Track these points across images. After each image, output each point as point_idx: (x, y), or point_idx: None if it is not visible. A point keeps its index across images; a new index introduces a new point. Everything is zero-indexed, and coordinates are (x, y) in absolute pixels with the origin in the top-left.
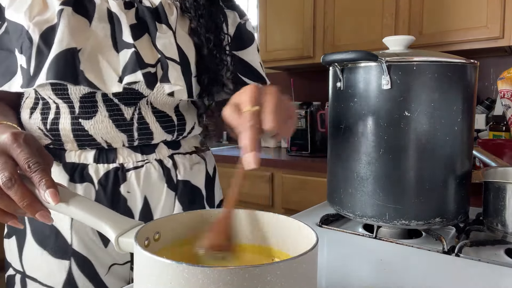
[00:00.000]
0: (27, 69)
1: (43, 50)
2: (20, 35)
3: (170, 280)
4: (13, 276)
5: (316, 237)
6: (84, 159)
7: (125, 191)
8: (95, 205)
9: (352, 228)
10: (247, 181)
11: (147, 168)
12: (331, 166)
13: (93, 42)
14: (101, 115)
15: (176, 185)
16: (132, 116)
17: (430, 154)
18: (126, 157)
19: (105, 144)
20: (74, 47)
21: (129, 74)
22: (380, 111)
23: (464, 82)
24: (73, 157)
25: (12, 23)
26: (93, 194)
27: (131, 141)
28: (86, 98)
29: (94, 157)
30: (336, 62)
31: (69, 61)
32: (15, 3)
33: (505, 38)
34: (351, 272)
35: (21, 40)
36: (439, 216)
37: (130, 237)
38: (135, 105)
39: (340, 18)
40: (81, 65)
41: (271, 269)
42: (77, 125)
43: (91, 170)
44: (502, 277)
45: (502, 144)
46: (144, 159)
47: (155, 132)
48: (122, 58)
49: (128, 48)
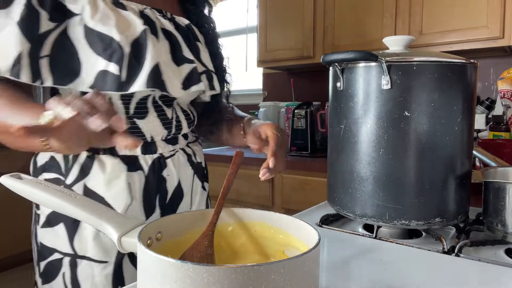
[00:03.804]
0: (119, 76)
1: (133, 62)
2: (109, 45)
3: (175, 279)
4: (60, 260)
5: (318, 235)
6: (132, 152)
7: (166, 174)
8: (97, 205)
9: (352, 228)
10: (247, 181)
11: (177, 155)
12: (331, 166)
13: (163, 57)
14: (152, 116)
15: (196, 166)
16: (172, 115)
17: (430, 154)
18: (163, 148)
19: (150, 138)
20: (158, 62)
21: (195, 84)
22: (380, 111)
23: (464, 82)
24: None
25: (99, 33)
26: (143, 180)
27: (168, 135)
28: (141, 101)
29: (142, 150)
30: (336, 62)
31: (158, 73)
32: (98, 15)
33: (505, 38)
34: (351, 272)
35: (111, 50)
36: (439, 216)
37: (132, 236)
38: (172, 106)
39: (340, 18)
40: (162, 76)
41: (275, 267)
42: (132, 123)
43: (142, 161)
44: (502, 277)
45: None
46: (174, 149)
47: (183, 127)
48: (183, 70)
49: (189, 62)
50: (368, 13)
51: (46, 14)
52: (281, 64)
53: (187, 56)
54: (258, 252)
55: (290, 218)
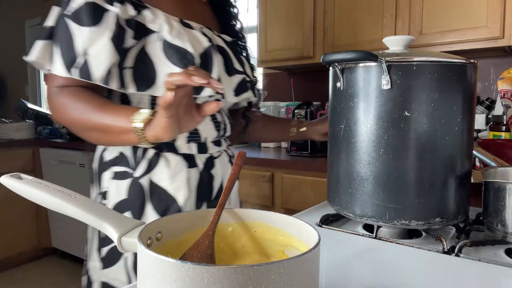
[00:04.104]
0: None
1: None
2: (184, 56)
3: (175, 279)
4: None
5: (318, 235)
6: (190, 151)
7: (214, 173)
8: (97, 205)
9: (352, 228)
10: (247, 181)
11: (223, 156)
12: (331, 166)
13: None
14: (207, 119)
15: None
16: (221, 119)
17: (430, 154)
18: (212, 149)
19: (204, 139)
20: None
21: (244, 92)
22: (380, 111)
23: (464, 82)
24: (183, 149)
25: (176, 47)
26: (198, 176)
27: (216, 137)
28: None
29: (197, 149)
30: (336, 62)
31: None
32: (174, 31)
33: (505, 38)
34: (351, 272)
35: (185, 61)
36: (439, 216)
37: (132, 236)
38: (220, 111)
39: (340, 18)
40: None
41: (275, 267)
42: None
43: (197, 159)
44: (502, 277)
45: (502, 144)
46: (220, 150)
47: (228, 129)
48: (234, 80)
49: (239, 74)
50: (368, 13)
51: (131, 32)
52: (281, 64)
53: (237, 67)
54: (258, 252)
55: (290, 218)
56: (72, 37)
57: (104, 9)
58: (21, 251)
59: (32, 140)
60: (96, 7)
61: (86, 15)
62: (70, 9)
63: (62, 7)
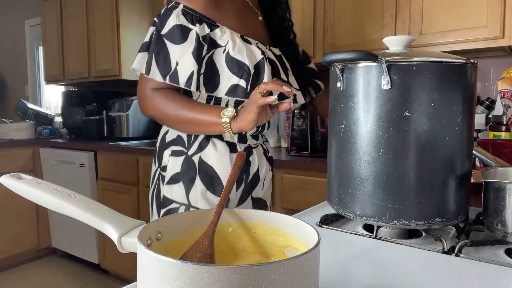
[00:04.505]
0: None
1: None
2: (242, 68)
3: (175, 279)
4: (176, 209)
5: (318, 235)
6: (233, 140)
7: (251, 159)
8: (97, 205)
9: (352, 228)
10: None
11: (259, 148)
12: (331, 166)
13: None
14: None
15: (269, 159)
16: None
17: (430, 154)
18: (250, 140)
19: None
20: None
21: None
22: (380, 111)
23: (464, 82)
24: (227, 137)
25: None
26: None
27: (255, 132)
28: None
29: (238, 139)
30: (336, 62)
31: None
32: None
33: (505, 38)
34: (351, 272)
35: (242, 71)
36: (439, 216)
37: (132, 236)
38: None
39: (340, 18)
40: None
41: (275, 267)
42: None
43: (238, 147)
44: (502, 277)
45: (502, 144)
46: (257, 143)
47: (266, 127)
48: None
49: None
50: (368, 13)
51: (206, 46)
52: None
53: (283, 77)
54: (258, 252)
55: (290, 218)
56: (168, 52)
57: (189, 28)
58: (21, 251)
59: (32, 140)
60: (183, 28)
61: (177, 35)
62: (165, 29)
63: (156, 26)
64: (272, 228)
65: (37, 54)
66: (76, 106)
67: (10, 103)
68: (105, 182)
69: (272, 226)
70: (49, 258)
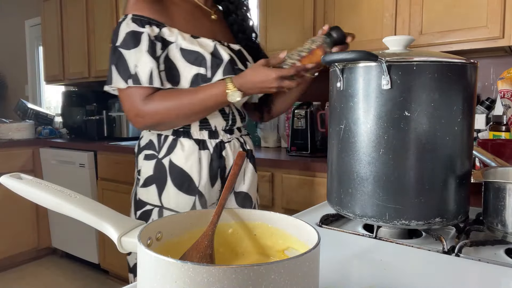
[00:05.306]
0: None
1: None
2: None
3: (175, 279)
4: (150, 211)
5: (318, 235)
6: (202, 136)
7: (224, 154)
8: (97, 205)
9: (352, 228)
10: None
11: (233, 142)
12: (331, 166)
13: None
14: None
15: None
16: (228, 111)
17: (430, 154)
18: (223, 136)
19: (214, 127)
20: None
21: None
22: (380, 111)
23: (464, 82)
24: (196, 135)
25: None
26: (209, 157)
27: (226, 126)
28: None
29: (208, 135)
30: (336, 62)
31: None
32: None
33: (505, 38)
34: (351, 272)
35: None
36: (439, 216)
37: (132, 236)
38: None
39: (340, 18)
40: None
41: (275, 267)
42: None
43: (208, 143)
44: (502, 277)
45: (502, 144)
46: (231, 137)
47: (237, 121)
48: None
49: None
50: (368, 13)
51: (159, 44)
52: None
53: (240, 67)
54: (258, 252)
55: (290, 218)
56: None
57: (140, 32)
58: (21, 251)
59: (32, 140)
60: (135, 33)
61: (130, 40)
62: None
63: (112, 41)
64: (272, 228)
65: (37, 54)
66: (76, 106)
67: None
68: (105, 182)
69: (272, 227)
70: (49, 258)
